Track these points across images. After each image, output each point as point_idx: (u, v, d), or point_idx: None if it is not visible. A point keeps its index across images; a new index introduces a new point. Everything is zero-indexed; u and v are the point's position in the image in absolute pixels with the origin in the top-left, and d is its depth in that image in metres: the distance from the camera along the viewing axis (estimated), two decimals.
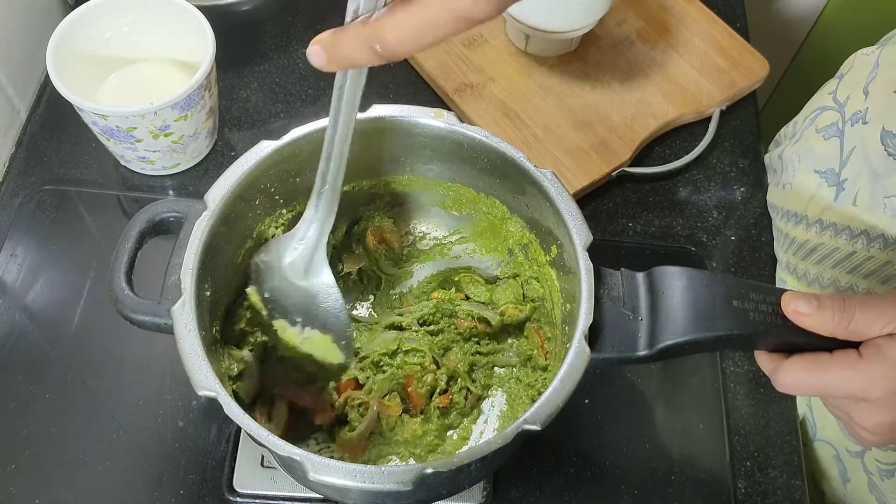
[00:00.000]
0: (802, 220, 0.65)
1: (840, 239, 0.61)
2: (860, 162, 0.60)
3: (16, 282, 0.68)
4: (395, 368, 0.59)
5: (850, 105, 0.63)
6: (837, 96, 0.65)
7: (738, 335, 0.48)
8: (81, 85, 0.67)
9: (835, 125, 0.63)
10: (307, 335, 0.56)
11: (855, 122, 0.61)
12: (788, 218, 0.67)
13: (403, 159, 0.60)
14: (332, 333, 0.55)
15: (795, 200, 0.66)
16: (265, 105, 0.79)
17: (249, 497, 0.59)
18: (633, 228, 0.74)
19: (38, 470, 0.60)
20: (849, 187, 0.61)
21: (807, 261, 0.65)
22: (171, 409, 0.63)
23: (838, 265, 0.62)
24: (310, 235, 0.53)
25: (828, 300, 0.44)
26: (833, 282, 0.63)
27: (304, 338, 0.56)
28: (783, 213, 0.69)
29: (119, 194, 0.73)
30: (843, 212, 0.61)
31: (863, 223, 0.60)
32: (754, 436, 0.65)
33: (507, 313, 0.61)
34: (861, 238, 0.60)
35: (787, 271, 0.69)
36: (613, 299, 0.51)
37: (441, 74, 0.79)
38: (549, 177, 0.54)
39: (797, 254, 0.66)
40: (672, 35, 0.83)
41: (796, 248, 0.66)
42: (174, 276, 0.49)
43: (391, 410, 0.58)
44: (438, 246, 0.66)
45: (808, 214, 0.64)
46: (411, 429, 0.58)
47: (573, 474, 0.63)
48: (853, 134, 0.61)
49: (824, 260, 0.63)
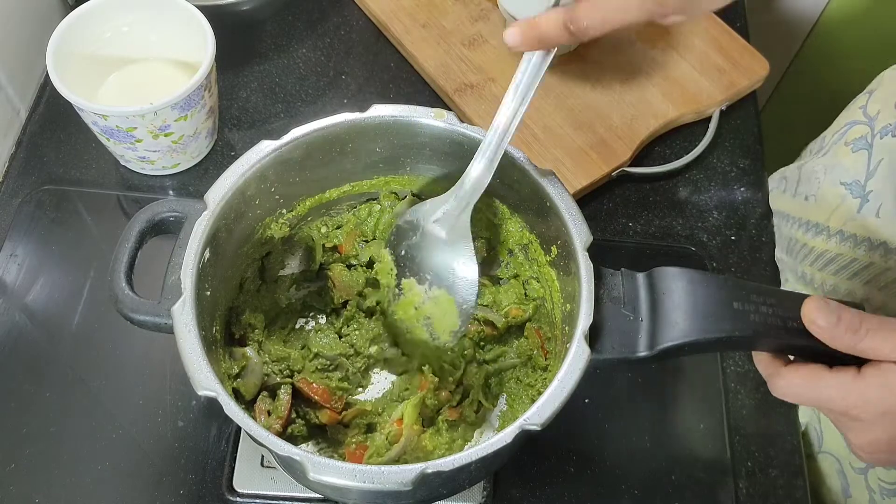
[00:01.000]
0: (824, 231, 0.66)
1: (859, 250, 0.62)
2: (886, 174, 0.61)
3: (16, 282, 0.68)
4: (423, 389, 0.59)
5: (881, 119, 0.63)
6: (868, 111, 0.66)
7: (738, 337, 0.48)
8: (81, 85, 0.67)
9: (864, 138, 0.64)
10: (433, 294, 0.58)
11: (884, 135, 0.62)
12: (808, 228, 0.68)
13: (403, 159, 0.60)
14: (458, 295, 0.57)
15: (818, 212, 0.67)
16: (265, 105, 0.79)
17: (249, 497, 0.59)
18: (633, 228, 0.74)
19: (37, 469, 0.60)
20: (873, 199, 0.62)
21: (824, 271, 0.66)
22: (171, 409, 0.63)
23: (855, 276, 0.63)
24: (462, 194, 0.55)
25: (847, 316, 0.44)
26: (849, 293, 0.64)
27: (428, 297, 0.58)
28: (801, 223, 0.69)
29: (119, 194, 0.73)
30: (864, 223, 0.62)
31: (883, 235, 0.60)
32: (755, 436, 0.65)
33: (511, 314, 0.61)
34: (879, 249, 0.61)
35: (801, 281, 0.69)
36: (613, 300, 0.50)
37: (441, 74, 0.79)
38: (550, 177, 0.54)
39: (814, 264, 0.67)
40: (672, 35, 0.83)
41: (814, 258, 0.67)
42: (174, 276, 0.49)
43: (415, 432, 0.58)
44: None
45: (830, 225, 0.65)
46: (421, 444, 0.58)
47: (573, 474, 0.63)
48: (882, 146, 0.62)
49: (841, 271, 0.64)
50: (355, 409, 0.59)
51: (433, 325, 0.59)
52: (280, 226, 0.59)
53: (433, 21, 0.82)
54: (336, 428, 0.59)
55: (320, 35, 0.84)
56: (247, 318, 0.59)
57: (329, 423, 0.58)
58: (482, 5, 0.84)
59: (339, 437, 0.58)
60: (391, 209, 0.63)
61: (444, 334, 0.58)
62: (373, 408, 0.59)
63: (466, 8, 0.84)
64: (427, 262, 0.58)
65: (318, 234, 0.63)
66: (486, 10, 0.83)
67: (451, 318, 0.58)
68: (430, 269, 0.58)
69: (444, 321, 0.58)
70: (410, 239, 0.59)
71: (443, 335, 0.58)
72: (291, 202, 0.59)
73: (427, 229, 0.57)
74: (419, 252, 0.58)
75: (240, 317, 0.59)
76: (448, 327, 0.58)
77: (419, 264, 0.59)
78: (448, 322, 0.58)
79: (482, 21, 0.83)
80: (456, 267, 0.57)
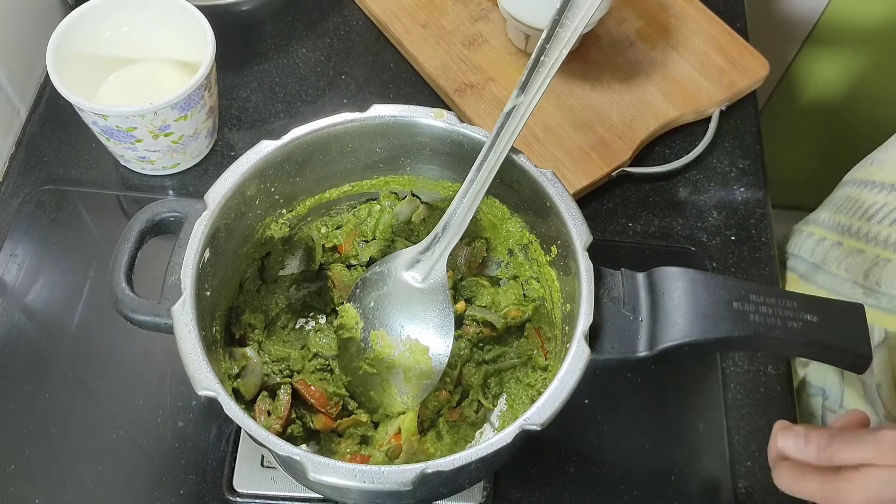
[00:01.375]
0: (886, 188, 0.67)
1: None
2: None
3: (16, 282, 0.68)
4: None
5: None
6: None
7: (738, 337, 0.48)
8: (81, 85, 0.67)
9: None
10: (407, 344, 0.57)
11: None
12: (865, 187, 0.69)
13: (403, 159, 0.60)
14: (432, 345, 0.56)
15: (880, 172, 0.68)
16: (265, 105, 0.79)
17: (249, 497, 0.59)
18: (633, 228, 0.74)
19: (37, 470, 0.60)
20: None
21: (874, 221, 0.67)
22: (171, 409, 0.63)
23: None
24: (437, 248, 0.55)
25: (814, 436, 0.46)
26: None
27: (402, 347, 0.57)
28: (859, 184, 0.71)
29: (119, 194, 0.73)
30: None
31: None
32: (755, 435, 0.65)
33: (510, 315, 0.61)
34: None
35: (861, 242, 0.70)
36: (613, 300, 0.50)
37: (441, 74, 0.79)
38: (549, 177, 0.54)
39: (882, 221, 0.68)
40: (672, 35, 0.83)
41: (864, 210, 0.68)
42: (174, 276, 0.49)
43: (415, 440, 0.57)
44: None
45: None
46: (423, 448, 0.57)
47: (573, 474, 0.63)
48: None
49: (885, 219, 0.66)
50: (351, 419, 0.58)
51: (403, 378, 0.57)
52: (280, 226, 0.59)
53: (433, 21, 0.83)
54: (329, 436, 0.58)
55: (320, 35, 0.84)
56: (247, 318, 0.59)
57: (323, 429, 0.58)
58: (482, 5, 0.84)
59: (331, 447, 0.58)
60: (391, 209, 0.63)
61: (413, 388, 0.57)
62: (367, 420, 0.58)
63: (466, 8, 0.84)
64: (400, 312, 0.57)
65: (318, 234, 0.63)
66: (486, 10, 0.83)
67: (425, 368, 0.57)
68: (402, 319, 0.57)
69: (416, 373, 0.57)
70: (381, 289, 0.58)
71: (412, 389, 0.57)
72: (291, 202, 0.59)
73: (400, 278, 0.57)
74: (390, 302, 0.58)
75: (240, 317, 0.59)
76: (420, 379, 0.57)
77: (391, 315, 0.57)
78: (421, 374, 0.57)
79: (482, 21, 0.83)
80: (431, 316, 0.57)
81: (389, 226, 0.63)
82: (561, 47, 0.50)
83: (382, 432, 0.57)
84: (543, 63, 0.50)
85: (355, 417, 0.58)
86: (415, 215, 0.63)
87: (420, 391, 0.57)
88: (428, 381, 0.57)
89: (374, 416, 0.58)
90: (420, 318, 0.57)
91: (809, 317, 0.49)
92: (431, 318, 0.57)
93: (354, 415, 0.58)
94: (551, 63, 0.50)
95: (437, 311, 0.57)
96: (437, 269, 0.56)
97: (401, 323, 0.57)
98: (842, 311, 0.50)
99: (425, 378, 0.57)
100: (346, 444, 0.58)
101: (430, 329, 0.57)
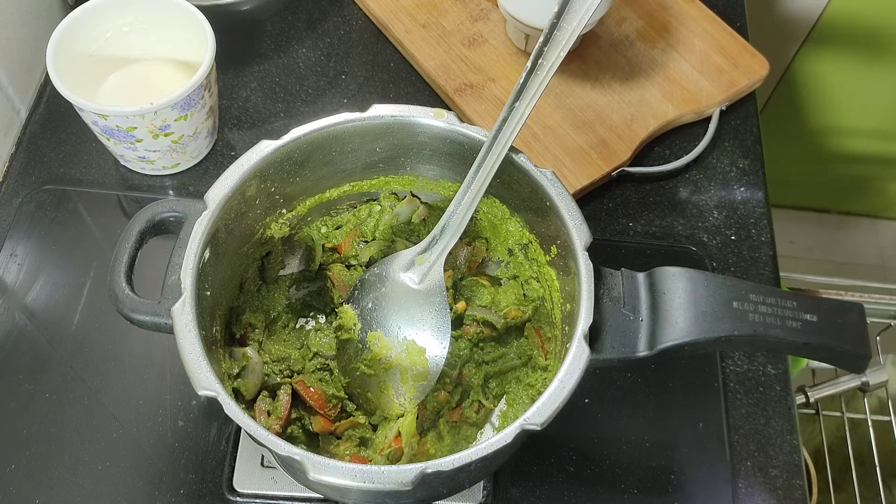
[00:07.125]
0: None
1: None
2: None
3: (16, 282, 0.68)
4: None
5: None
6: None
7: (737, 336, 0.48)
8: (81, 85, 0.67)
9: None
10: (404, 345, 0.57)
11: None
12: None
13: (403, 159, 0.60)
14: (429, 347, 0.56)
15: None
16: (265, 105, 0.79)
17: (249, 497, 0.59)
18: (634, 228, 0.74)
19: (38, 470, 0.60)
20: None
21: None
22: (171, 408, 0.63)
23: None
24: (434, 250, 0.56)
25: None
26: None
27: (398, 348, 0.57)
28: None
29: (119, 194, 0.73)
30: None
31: None
32: (754, 435, 0.65)
33: (511, 315, 0.61)
34: None
35: None
36: (613, 299, 0.51)
37: (441, 74, 0.79)
38: (549, 177, 0.54)
39: None
40: (672, 35, 0.83)
41: None
42: (174, 276, 0.49)
43: (415, 441, 0.57)
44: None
45: None
46: (423, 449, 0.57)
47: (573, 474, 0.63)
48: None
49: None
50: (349, 421, 0.58)
51: (400, 380, 0.57)
52: (280, 226, 0.59)
53: (433, 21, 0.83)
54: (328, 439, 0.58)
55: (320, 35, 0.84)
56: (247, 317, 0.59)
57: (321, 431, 0.58)
58: (482, 5, 0.84)
59: (329, 450, 0.58)
60: (391, 209, 0.63)
61: (410, 389, 0.57)
62: (366, 421, 0.58)
63: (466, 8, 0.84)
64: (397, 313, 0.57)
65: (318, 234, 0.63)
66: (486, 10, 0.83)
67: (422, 370, 0.57)
68: (400, 320, 0.57)
69: (413, 374, 0.57)
70: (378, 290, 0.58)
71: (409, 390, 0.57)
72: (291, 202, 0.59)
73: (398, 280, 0.57)
74: (388, 303, 0.58)
75: (240, 317, 0.59)
76: (417, 380, 0.57)
77: (388, 316, 0.58)
78: (417, 375, 0.57)
79: (482, 21, 0.83)
80: (428, 318, 0.57)
81: (389, 226, 0.63)
82: (559, 49, 0.50)
83: (382, 436, 0.57)
84: (541, 66, 0.50)
85: (353, 419, 0.58)
86: (415, 216, 0.63)
87: (417, 393, 0.57)
88: (424, 382, 0.57)
89: (372, 419, 0.58)
90: (417, 320, 0.57)
91: (809, 316, 0.49)
92: (428, 320, 0.57)
93: (353, 416, 0.58)
94: (549, 65, 0.50)
95: (435, 312, 0.57)
96: (435, 270, 0.56)
97: (398, 324, 0.57)
98: (841, 310, 0.50)
99: (422, 379, 0.57)
100: (345, 446, 0.57)
101: (427, 330, 0.57)
